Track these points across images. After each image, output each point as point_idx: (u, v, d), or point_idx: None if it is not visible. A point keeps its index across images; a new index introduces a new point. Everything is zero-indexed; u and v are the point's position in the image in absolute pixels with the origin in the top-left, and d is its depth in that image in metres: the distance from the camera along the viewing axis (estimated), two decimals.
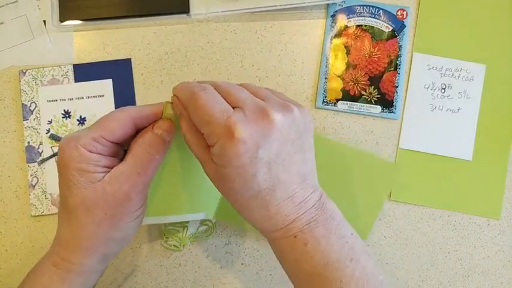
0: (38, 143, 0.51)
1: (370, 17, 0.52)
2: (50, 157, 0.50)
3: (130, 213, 0.36)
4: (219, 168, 0.33)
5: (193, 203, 0.44)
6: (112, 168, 0.36)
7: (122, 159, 0.37)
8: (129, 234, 0.38)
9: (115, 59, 0.52)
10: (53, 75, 0.51)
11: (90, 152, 0.35)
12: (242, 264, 0.51)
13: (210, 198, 0.45)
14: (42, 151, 0.51)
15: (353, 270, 0.34)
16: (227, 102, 0.33)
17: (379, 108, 0.52)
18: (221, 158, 0.32)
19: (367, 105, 0.51)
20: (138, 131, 0.37)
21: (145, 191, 0.37)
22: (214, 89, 0.34)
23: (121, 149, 0.38)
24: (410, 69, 0.52)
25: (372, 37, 0.52)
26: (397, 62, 0.52)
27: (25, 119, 0.51)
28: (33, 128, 0.51)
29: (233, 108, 0.33)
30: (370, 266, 0.35)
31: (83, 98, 0.51)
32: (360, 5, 0.52)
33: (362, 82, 0.52)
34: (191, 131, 0.35)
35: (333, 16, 0.52)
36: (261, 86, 0.37)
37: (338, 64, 0.52)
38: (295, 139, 0.34)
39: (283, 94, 0.37)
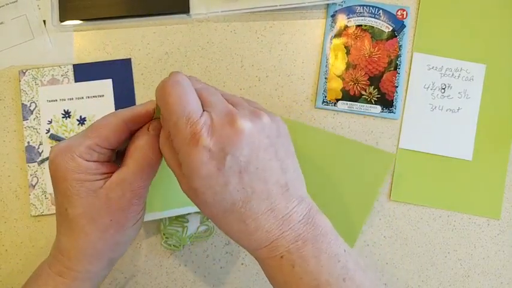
0: (38, 143, 0.51)
1: (370, 17, 0.52)
2: None
3: (133, 217, 0.36)
4: (189, 181, 0.31)
5: (182, 196, 0.43)
6: (110, 173, 0.35)
7: (114, 161, 0.37)
8: (131, 236, 0.38)
9: (115, 59, 0.52)
10: (52, 75, 0.51)
11: (87, 161, 0.34)
12: (242, 264, 0.51)
13: None
14: (42, 151, 0.51)
15: None
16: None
17: (379, 108, 0.52)
18: (187, 168, 0.31)
19: (367, 105, 0.51)
20: (132, 133, 0.37)
21: (146, 194, 0.37)
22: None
23: (114, 152, 0.38)
24: (410, 69, 0.52)
25: (371, 37, 0.52)
26: (397, 62, 0.52)
27: (25, 119, 0.51)
28: (33, 128, 0.51)
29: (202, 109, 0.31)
30: (367, 283, 0.33)
31: (82, 98, 0.51)
32: (360, 5, 0.52)
33: (362, 82, 0.52)
34: (167, 142, 0.33)
35: (333, 16, 0.52)
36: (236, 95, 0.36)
37: (338, 64, 0.52)
38: (267, 146, 0.32)
39: (257, 103, 0.36)
